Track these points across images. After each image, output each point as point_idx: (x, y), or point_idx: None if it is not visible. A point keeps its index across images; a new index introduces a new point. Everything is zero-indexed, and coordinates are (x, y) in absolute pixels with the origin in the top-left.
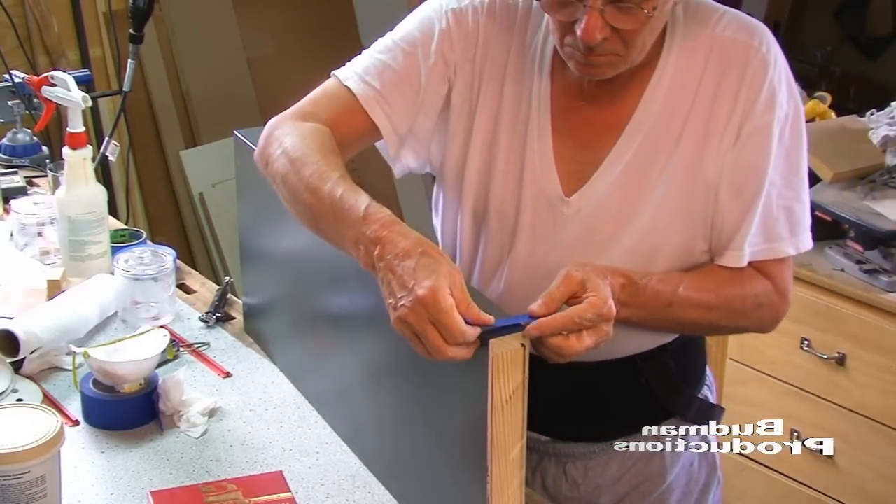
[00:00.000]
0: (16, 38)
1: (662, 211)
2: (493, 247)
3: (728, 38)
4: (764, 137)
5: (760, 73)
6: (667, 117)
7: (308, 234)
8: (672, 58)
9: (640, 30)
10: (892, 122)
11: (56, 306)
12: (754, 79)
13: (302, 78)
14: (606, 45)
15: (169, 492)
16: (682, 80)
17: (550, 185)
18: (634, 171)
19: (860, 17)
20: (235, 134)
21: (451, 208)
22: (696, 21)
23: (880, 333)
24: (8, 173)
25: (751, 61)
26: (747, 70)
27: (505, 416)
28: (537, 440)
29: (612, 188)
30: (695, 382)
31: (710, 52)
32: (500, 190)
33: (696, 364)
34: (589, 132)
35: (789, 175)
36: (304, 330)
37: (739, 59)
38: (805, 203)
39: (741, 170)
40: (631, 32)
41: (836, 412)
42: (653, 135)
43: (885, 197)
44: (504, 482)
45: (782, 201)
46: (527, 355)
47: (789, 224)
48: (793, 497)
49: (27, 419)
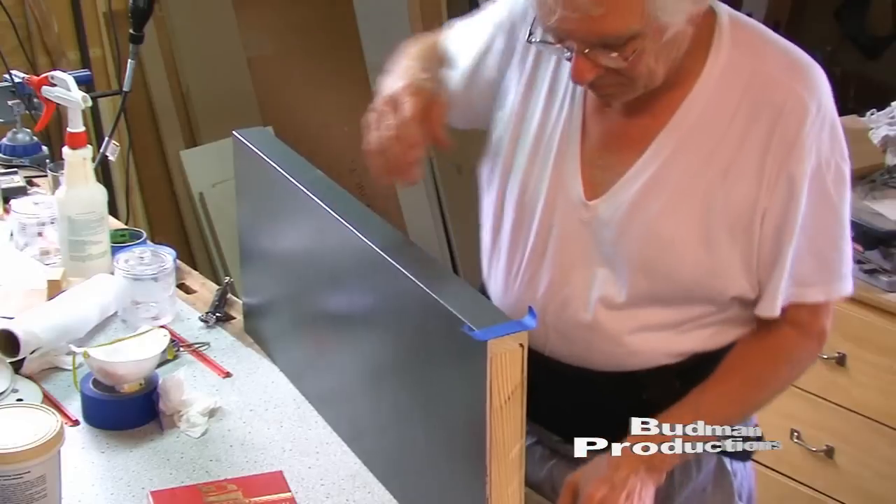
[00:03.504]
0: (16, 38)
1: (680, 235)
2: (513, 236)
3: (770, 74)
4: (796, 185)
5: (798, 117)
6: (696, 141)
7: (308, 234)
8: (712, 81)
9: (637, 64)
10: (892, 122)
11: (56, 306)
12: (789, 123)
13: (302, 78)
14: (606, 79)
15: (169, 492)
16: (716, 106)
17: (574, 187)
18: (656, 189)
19: (860, 16)
20: (235, 134)
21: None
22: (742, 47)
23: (880, 333)
24: (8, 173)
25: (790, 104)
26: (783, 112)
27: (504, 416)
28: (550, 437)
29: (633, 201)
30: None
31: (749, 86)
32: (526, 183)
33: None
34: (618, 139)
35: (825, 224)
36: (304, 330)
37: (777, 99)
38: (843, 252)
39: (771, 217)
40: (626, 69)
41: (836, 412)
42: (679, 156)
43: (885, 197)
44: (503, 482)
45: (814, 247)
46: (525, 355)
47: (820, 270)
48: (793, 497)
49: (27, 419)
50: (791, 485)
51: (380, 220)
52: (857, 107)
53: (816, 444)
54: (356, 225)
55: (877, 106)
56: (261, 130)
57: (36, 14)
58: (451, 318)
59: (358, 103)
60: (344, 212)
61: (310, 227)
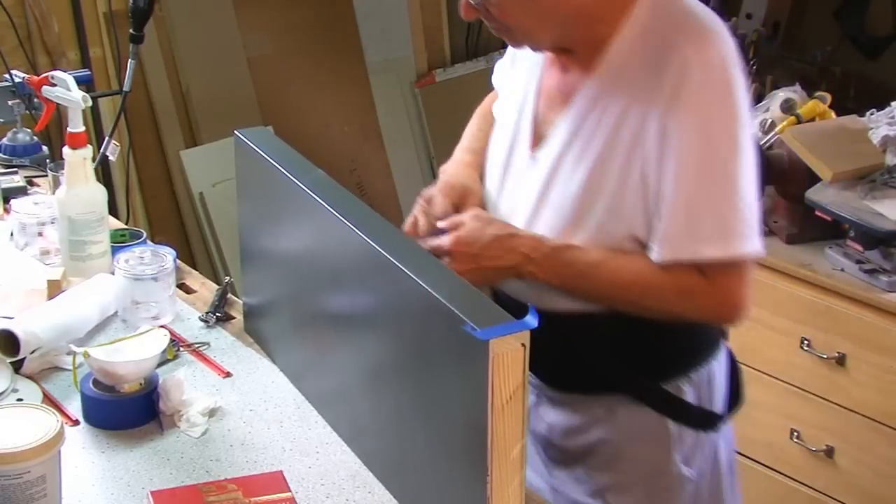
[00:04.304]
0: (16, 38)
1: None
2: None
3: (672, 36)
4: (681, 141)
5: (689, 77)
6: (610, 96)
7: (309, 234)
8: (627, 44)
9: (503, 16)
10: (892, 122)
11: (56, 306)
12: (682, 83)
13: (302, 78)
14: (494, 25)
15: (169, 492)
16: (629, 65)
17: (524, 140)
18: (576, 140)
19: (860, 17)
20: (236, 134)
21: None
22: (658, 10)
23: (880, 333)
24: (8, 173)
25: (681, 65)
26: (676, 72)
27: (505, 415)
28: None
29: (558, 152)
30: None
31: (656, 47)
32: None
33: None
34: (555, 95)
35: (712, 180)
36: (304, 330)
37: (673, 60)
38: (740, 211)
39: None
40: (499, 16)
41: (836, 412)
42: (596, 110)
43: (885, 197)
44: (504, 482)
45: (706, 203)
46: (527, 355)
47: (715, 226)
48: (792, 496)
49: (27, 419)
50: (791, 485)
51: (381, 219)
52: (857, 107)
53: (816, 444)
54: (357, 224)
55: (877, 106)
56: (262, 130)
57: (36, 14)
58: (452, 318)
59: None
60: (345, 211)
61: (311, 227)
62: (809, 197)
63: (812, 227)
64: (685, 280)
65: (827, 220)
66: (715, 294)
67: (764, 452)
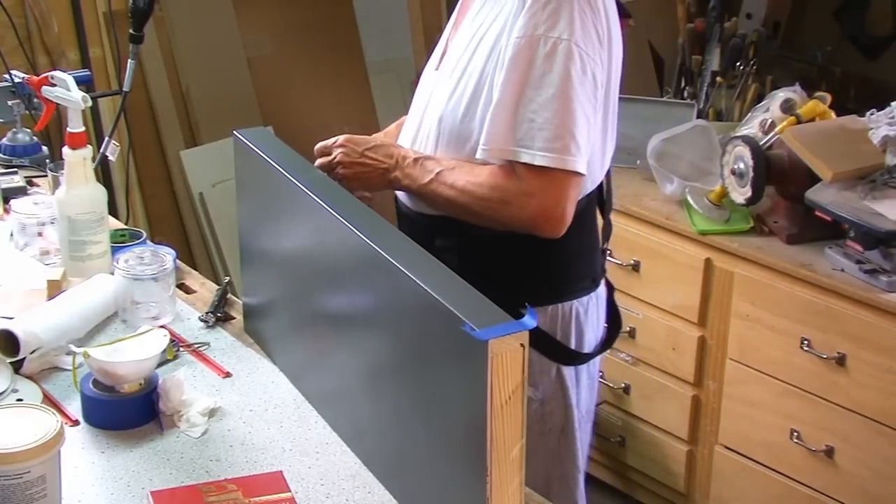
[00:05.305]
0: (16, 38)
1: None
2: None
3: None
4: (508, 52)
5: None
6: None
7: (308, 234)
8: None
9: None
10: (892, 122)
11: (56, 306)
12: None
13: (302, 78)
14: None
15: (169, 492)
16: None
17: (434, 62)
18: (462, 56)
19: (860, 17)
20: (235, 134)
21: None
22: None
23: (880, 333)
24: (8, 173)
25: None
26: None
27: (504, 415)
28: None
29: (444, 66)
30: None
31: None
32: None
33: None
34: (459, 19)
35: (523, 90)
36: (304, 330)
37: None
38: (556, 126)
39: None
40: None
41: (836, 412)
42: (476, 29)
43: (885, 197)
44: (504, 482)
45: (533, 112)
46: (527, 355)
47: (538, 135)
48: (792, 497)
49: (27, 419)
50: (791, 485)
51: (380, 219)
52: (857, 107)
53: (816, 444)
54: (356, 224)
55: (877, 106)
56: (261, 130)
57: (36, 14)
58: (451, 318)
59: (358, 103)
60: (344, 211)
61: (310, 227)
62: (809, 197)
63: (812, 227)
64: (507, 186)
65: (827, 221)
66: (532, 202)
67: (764, 452)
